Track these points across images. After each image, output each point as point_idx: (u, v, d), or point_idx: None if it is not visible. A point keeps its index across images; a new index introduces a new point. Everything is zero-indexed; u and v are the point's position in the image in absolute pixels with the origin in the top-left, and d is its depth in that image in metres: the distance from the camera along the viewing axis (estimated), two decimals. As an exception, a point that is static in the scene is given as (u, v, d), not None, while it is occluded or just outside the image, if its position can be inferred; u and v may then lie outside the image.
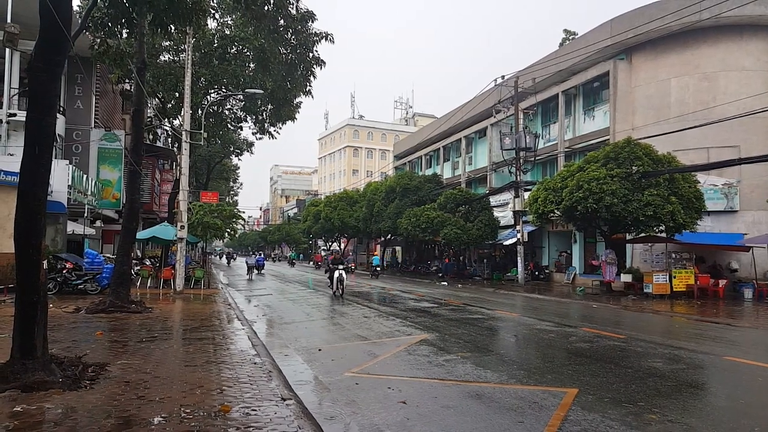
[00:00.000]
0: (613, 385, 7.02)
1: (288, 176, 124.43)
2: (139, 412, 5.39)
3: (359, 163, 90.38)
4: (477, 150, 40.58)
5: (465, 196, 34.88)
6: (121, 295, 13.96)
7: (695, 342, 10.91)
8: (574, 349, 9.85)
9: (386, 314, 14.82)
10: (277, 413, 5.52)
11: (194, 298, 18.37)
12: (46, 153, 6.80)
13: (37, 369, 6.26)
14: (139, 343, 9.28)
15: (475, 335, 11.40)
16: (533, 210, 23.75)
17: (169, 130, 28.15)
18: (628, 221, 20.64)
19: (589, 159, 22.01)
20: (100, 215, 25.86)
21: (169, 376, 6.95)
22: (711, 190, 23.44)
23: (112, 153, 25.51)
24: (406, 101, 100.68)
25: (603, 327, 12.75)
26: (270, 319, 14.16)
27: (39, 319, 6.45)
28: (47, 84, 6.84)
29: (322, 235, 57.91)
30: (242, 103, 25.86)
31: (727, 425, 5.55)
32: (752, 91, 22.65)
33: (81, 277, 18.03)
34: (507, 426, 5.43)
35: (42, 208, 6.73)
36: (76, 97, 24.73)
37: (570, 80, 29.98)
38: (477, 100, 35.05)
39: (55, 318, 11.66)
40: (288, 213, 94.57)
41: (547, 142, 32.10)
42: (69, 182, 19.61)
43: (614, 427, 5.36)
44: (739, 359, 9.00)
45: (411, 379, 7.38)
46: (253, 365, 7.79)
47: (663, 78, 25.67)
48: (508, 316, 15.19)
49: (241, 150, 43.34)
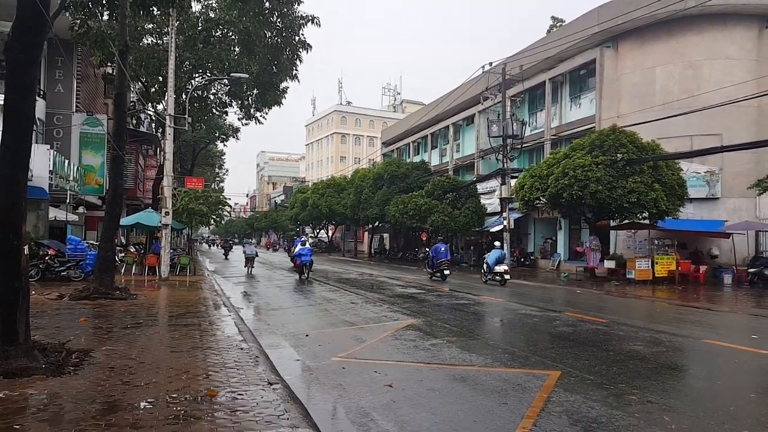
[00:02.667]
0: (595, 368, 7.14)
1: (275, 163, 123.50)
2: (125, 397, 5.37)
3: (347, 149, 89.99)
4: (465, 137, 40.61)
5: (452, 183, 34.96)
6: (105, 281, 13.83)
7: (675, 326, 11.11)
8: (557, 333, 9.99)
9: (373, 300, 14.88)
10: (264, 397, 5.54)
11: (180, 284, 18.27)
12: (26, 137, 6.68)
13: (20, 355, 6.20)
14: (123, 330, 9.23)
15: (461, 320, 11.50)
16: (519, 197, 23.90)
17: (153, 115, 27.77)
18: (613, 208, 20.86)
19: (575, 146, 22.16)
20: (83, 201, 25.51)
21: (155, 361, 6.93)
22: (694, 178, 23.74)
23: (95, 138, 25.11)
24: (394, 88, 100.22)
25: (586, 312, 12.93)
26: (257, 305, 14.16)
27: (21, 305, 6.38)
28: (25, 66, 6.70)
29: (309, 222, 57.82)
30: (227, 88, 25.53)
31: (704, 405, 5.68)
32: (736, 79, 22.86)
33: (64, 264, 17.82)
34: (491, 407, 5.51)
35: (22, 193, 6.62)
36: (56, 80, 24.21)
37: (557, 68, 30.03)
38: (465, 86, 35.01)
39: (38, 305, 11.54)
40: (275, 200, 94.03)
41: (534, 129, 32.20)
42: (50, 167, 19.30)
43: (596, 408, 5.46)
44: (717, 342, 9.18)
45: (397, 363, 7.44)
46: (240, 351, 7.80)
47: (649, 66, 25.82)
48: (493, 301, 15.33)
49: (226, 136, 42.92)
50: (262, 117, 26.44)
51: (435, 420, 5.14)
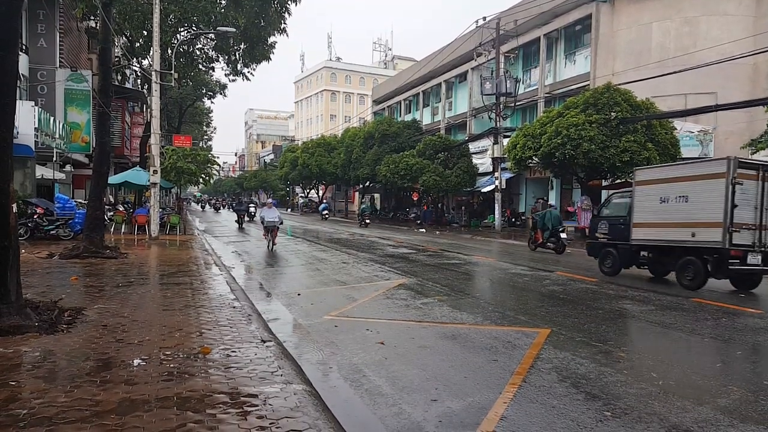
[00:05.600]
0: (585, 326, 7.25)
1: (263, 121, 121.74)
2: (119, 355, 5.40)
3: (337, 107, 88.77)
4: (457, 95, 40.11)
5: (444, 142, 34.72)
6: (95, 240, 13.75)
7: (664, 285, 11.28)
8: (547, 291, 10.11)
9: (365, 260, 14.95)
10: (258, 354, 5.58)
11: (170, 244, 18.22)
12: (10, 92, 6.48)
13: (12, 313, 6.18)
14: (115, 288, 9.22)
15: (451, 279, 11.61)
16: (512, 156, 23.82)
17: (138, 71, 27.06)
18: (605, 167, 20.88)
19: (569, 105, 21.98)
20: (70, 159, 25.11)
21: (148, 319, 6.95)
22: (687, 137, 23.71)
23: (80, 94, 24.49)
24: (385, 43, 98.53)
25: (576, 271, 13.08)
26: (248, 264, 14.18)
27: (11, 264, 6.32)
28: (6, 18, 6.43)
29: (299, 182, 57.54)
30: (214, 43, 24.83)
31: (691, 362, 5.81)
32: (733, 36, 22.58)
33: (53, 223, 17.67)
34: (481, 364, 5.60)
35: (8, 150, 6.47)
36: (38, 35, 23.40)
37: (552, 23, 29.46)
38: (458, 42, 34.33)
39: (28, 263, 11.48)
40: (264, 159, 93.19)
41: (527, 87, 31.82)
42: (35, 125, 18.84)
43: (584, 365, 5.57)
44: (705, 301, 9.35)
45: (389, 322, 7.52)
46: (232, 309, 7.83)
47: (645, 22, 25.39)
48: (484, 261, 15.46)
49: (213, 92, 42.13)
50: (249, 73, 25.85)
51: (426, 376, 5.22)
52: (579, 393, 4.78)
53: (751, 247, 10.17)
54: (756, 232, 10.19)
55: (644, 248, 11.95)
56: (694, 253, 10.68)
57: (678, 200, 10.97)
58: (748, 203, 10.11)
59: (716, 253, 10.24)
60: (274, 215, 17.23)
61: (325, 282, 11.17)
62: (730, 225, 9.94)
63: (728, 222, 9.94)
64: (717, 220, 10.12)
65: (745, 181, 10.02)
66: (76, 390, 4.40)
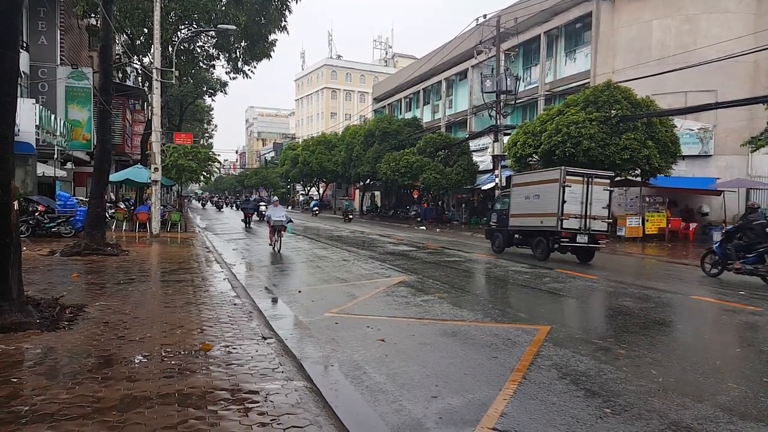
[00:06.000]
0: (584, 323, 7.27)
1: (264, 118, 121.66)
2: (120, 351, 5.41)
3: (337, 105, 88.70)
4: (458, 93, 40.07)
5: (444, 140, 34.70)
6: (96, 237, 13.77)
7: (664, 282, 11.29)
8: (547, 289, 10.13)
9: (365, 257, 14.97)
10: (259, 351, 5.60)
11: (171, 241, 18.24)
12: (11, 90, 6.48)
13: (14, 310, 6.20)
14: (116, 285, 9.23)
15: (452, 277, 11.62)
16: (512, 154, 23.80)
17: (139, 68, 27.05)
18: (605, 165, 20.84)
19: (569, 102, 21.95)
20: (71, 157, 25.12)
21: (149, 316, 6.96)
22: (687, 135, 23.70)
23: (80, 92, 24.48)
24: (386, 41, 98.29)
25: (576, 268, 13.10)
26: (249, 262, 14.20)
27: (13, 261, 6.34)
28: (7, 15, 6.43)
29: (300, 180, 57.51)
30: (214, 40, 24.82)
31: (691, 359, 5.82)
32: (733, 34, 22.53)
33: (54, 220, 17.68)
34: (481, 361, 5.61)
35: (9, 148, 6.47)
36: (39, 32, 23.40)
37: (552, 20, 29.43)
38: (458, 40, 34.26)
39: (30, 261, 11.49)
40: (265, 156, 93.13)
41: (528, 85, 31.79)
42: (36, 122, 18.85)
43: (584, 362, 5.58)
44: (704, 298, 9.37)
45: (389, 319, 7.54)
46: (233, 306, 7.84)
47: (645, 20, 25.35)
48: (484, 258, 15.47)
49: (214, 90, 42.05)
50: (250, 71, 25.82)
51: (426, 373, 5.24)
52: (579, 390, 4.79)
53: (578, 231, 14.17)
54: (582, 220, 14.18)
55: (517, 232, 16.13)
56: (542, 234, 14.85)
57: (534, 198, 15.18)
58: (575, 200, 14.13)
59: (554, 235, 14.32)
60: (281, 214, 16.05)
61: (326, 279, 11.18)
62: (561, 215, 14.03)
63: (560, 213, 14.04)
64: (554, 212, 14.19)
65: (573, 185, 14.16)
66: (78, 387, 4.41)
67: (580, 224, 14.10)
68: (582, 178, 14.34)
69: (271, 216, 16.12)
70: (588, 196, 14.18)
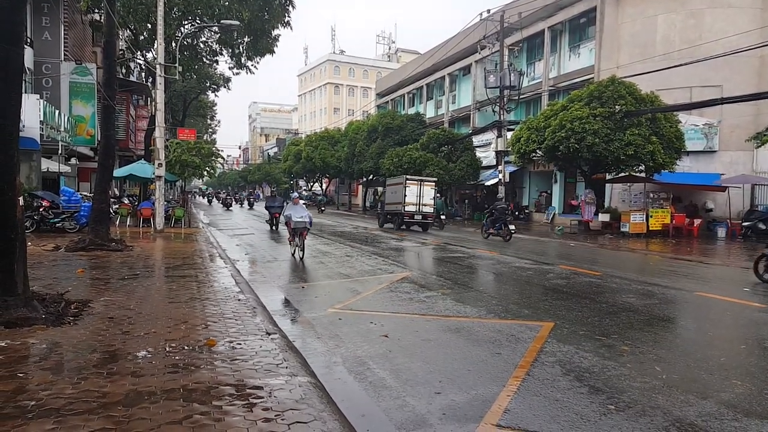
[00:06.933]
0: (588, 319, 7.26)
1: (267, 114, 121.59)
2: (125, 347, 5.44)
3: (340, 101, 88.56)
4: (461, 88, 39.96)
5: (448, 135, 34.63)
6: (100, 233, 13.81)
7: (668, 278, 11.27)
8: (551, 285, 10.12)
9: (368, 253, 14.98)
10: (263, 347, 5.62)
11: (175, 236, 18.29)
12: (15, 86, 6.50)
13: (19, 306, 6.23)
14: (121, 281, 9.27)
15: (455, 273, 11.62)
16: (515, 150, 23.76)
17: (143, 64, 27.04)
18: (609, 161, 20.80)
19: (573, 98, 21.88)
20: (75, 152, 25.19)
21: (153, 312, 6.99)
22: (692, 130, 23.60)
23: (84, 87, 24.52)
24: (389, 36, 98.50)
25: (580, 264, 13.08)
26: (253, 257, 14.22)
27: (18, 256, 6.37)
28: (11, 11, 6.44)
29: (303, 175, 57.51)
30: (218, 36, 24.82)
31: (695, 356, 5.82)
32: (738, 29, 22.39)
33: (59, 215, 17.74)
34: (485, 357, 5.62)
35: (14, 143, 6.50)
36: (43, 28, 23.43)
37: (557, 15, 29.30)
38: (462, 35, 34.14)
39: (35, 256, 11.55)
40: (268, 152, 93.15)
41: (531, 80, 31.68)
42: (41, 118, 18.90)
43: (588, 358, 5.58)
44: (709, 295, 9.34)
45: (393, 315, 7.55)
46: (237, 302, 7.87)
47: (650, 14, 25.21)
48: (487, 254, 15.46)
49: (217, 85, 41.96)
50: (253, 66, 25.82)
51: (430, 369, 5.25)
52: (583, 386, 4.79)
53: (416, 213, 23.29)
54: (417, 206, 23.27)
55: (389, 214, 25.20)
56: (398, 215, 23.90)
57: (395, 193, 24.32)
58: (413, 195, 23.27)
59: (402, 215, 23.45)
60: (302, 214, 13.42)
61: (329, 275, 11.20)
62: (404, 203, 23.18)
63: (404, 202, 23.19)
64: (401, 201, 23.36)
65: (411, 186, 23.37)
66: (83, 382, 4.44)
67: (416, 209, 23.24)
68: (417, 181, 23.83)
69: (292, 216, 13.43)
70: (420, 192, 23.30)
